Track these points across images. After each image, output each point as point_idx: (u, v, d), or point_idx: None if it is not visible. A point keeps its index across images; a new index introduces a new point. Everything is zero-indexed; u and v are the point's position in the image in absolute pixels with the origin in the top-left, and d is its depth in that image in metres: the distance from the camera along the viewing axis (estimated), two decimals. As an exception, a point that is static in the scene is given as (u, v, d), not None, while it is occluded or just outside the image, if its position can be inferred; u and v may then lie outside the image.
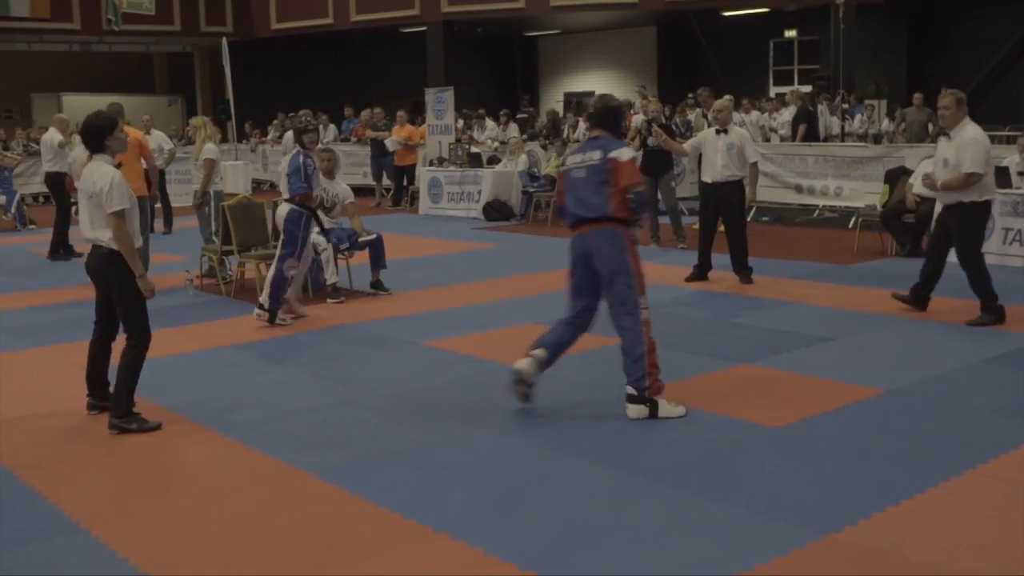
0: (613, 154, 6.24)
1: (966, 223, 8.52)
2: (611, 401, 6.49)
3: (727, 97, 12.14)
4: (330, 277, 10.04)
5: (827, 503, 4.82)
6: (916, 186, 12.16)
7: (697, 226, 11.06)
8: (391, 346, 8.28)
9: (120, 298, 6.18)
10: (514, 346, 7.42)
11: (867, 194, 15.57)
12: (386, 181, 20.87)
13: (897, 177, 13.05)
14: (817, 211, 16.81)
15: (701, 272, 10.82)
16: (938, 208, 9.13)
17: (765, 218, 15.84)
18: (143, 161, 11.38)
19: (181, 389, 7.11)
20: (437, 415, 6.41)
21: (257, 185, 23.35)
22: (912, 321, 8.62)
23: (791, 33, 27.68)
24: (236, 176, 20.60)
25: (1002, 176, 11.52)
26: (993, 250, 11.34)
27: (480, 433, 6.06)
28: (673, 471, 5.32)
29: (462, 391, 6.94)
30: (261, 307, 9.02)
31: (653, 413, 6.21)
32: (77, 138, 10.78)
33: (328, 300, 10.01)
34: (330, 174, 10.37)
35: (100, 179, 6.05)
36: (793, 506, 4.81)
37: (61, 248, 13.75)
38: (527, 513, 4.81)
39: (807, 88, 22.38)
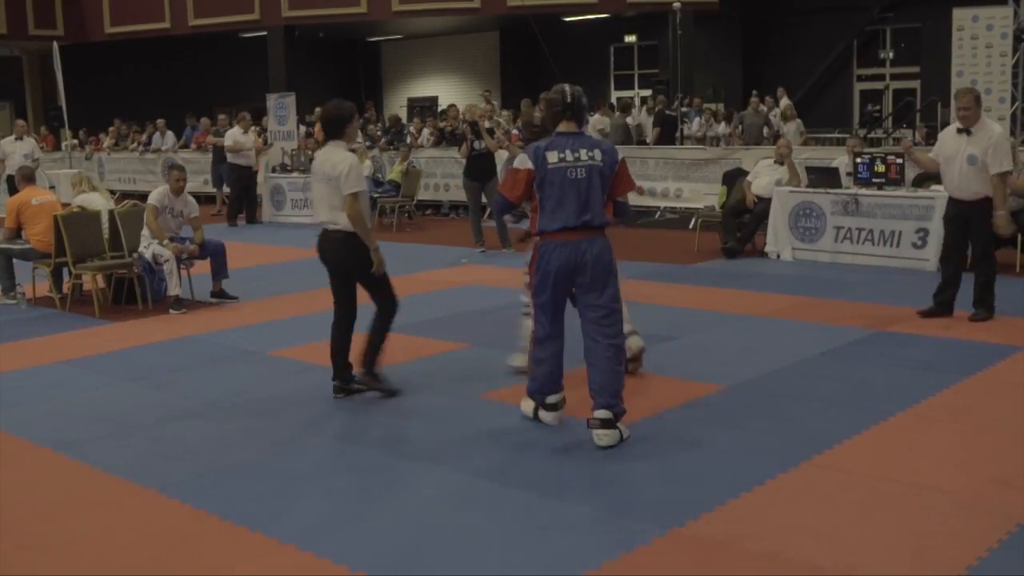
0: (621, 156, 5.97)
1: (989, 219, 8.44)
2: (453, 406, 6.52)
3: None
4: (173, 288, 9.84)
5: (671, 498, 4.92)
6: (755, 186, 12.53)
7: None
8: (235, 357, 8.13)
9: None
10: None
11: (706, 195, 15.97)
12: (226, 188, 20.42)
13: (734, 179, 13.42)
14: (659, 212, 17.16)
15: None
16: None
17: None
18: None
19: (13, 407, 6.84)
20: (282, 425, 6.32)
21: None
22: (749, 318, 8.86)
23: (631, 38, 28.25)
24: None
25: (832, 176, 11.96)
26: (826, 248, 11.77)
27: (326, 442, 6.00)
28: (519, 473, 5.35)
29: (307, 400, 6.84)
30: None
31: (621, 438, 5.69)
32: None
33: (171, 311, 9.79)
34: (180, 192, 10.20)
35: None
36: (638, 503, 4.90)
37: None
38: (375, 521, 4.78)
39: (647, 92, 22.89)
